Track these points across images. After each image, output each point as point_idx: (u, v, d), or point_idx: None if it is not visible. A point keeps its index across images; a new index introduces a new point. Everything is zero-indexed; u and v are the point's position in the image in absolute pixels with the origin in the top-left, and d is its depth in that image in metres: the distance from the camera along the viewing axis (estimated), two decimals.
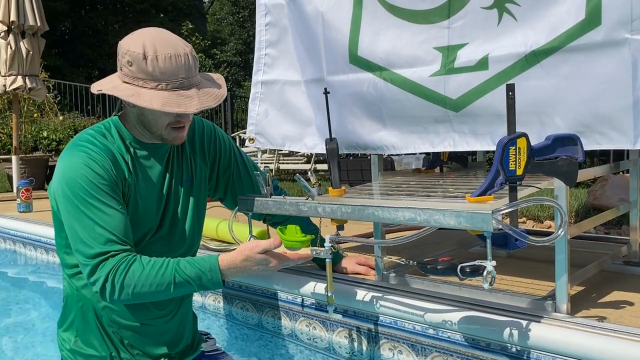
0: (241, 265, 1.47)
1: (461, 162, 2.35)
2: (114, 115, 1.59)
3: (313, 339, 2.02)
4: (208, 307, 2.43)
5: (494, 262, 1.30)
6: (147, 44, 1.42)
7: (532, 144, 1.33)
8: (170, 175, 1.60)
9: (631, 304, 1.66)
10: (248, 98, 2.46)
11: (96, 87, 1.50)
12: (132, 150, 1.54)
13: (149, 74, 1.41)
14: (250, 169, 1.84)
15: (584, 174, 1.69)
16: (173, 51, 1.42)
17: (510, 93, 1.30)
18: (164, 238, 1.59)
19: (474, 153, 2.74)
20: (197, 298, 2.43)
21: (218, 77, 1.57)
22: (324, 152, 1.83)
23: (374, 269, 2.02)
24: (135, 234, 1.53)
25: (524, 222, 3.60)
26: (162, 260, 1.45)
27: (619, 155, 4.76)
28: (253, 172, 1.81)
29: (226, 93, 1.53)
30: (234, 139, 8.97)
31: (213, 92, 1.48)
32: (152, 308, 1.59)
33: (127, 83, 1.44)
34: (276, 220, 1.92)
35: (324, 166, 6.92)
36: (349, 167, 5.26)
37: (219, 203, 1.91)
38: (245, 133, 2.37)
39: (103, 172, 1.45)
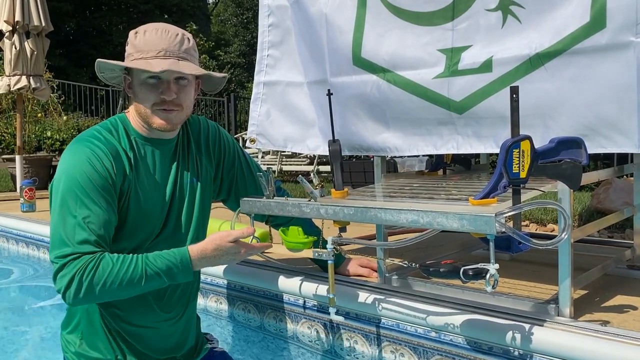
0: (211, 254, 1.48)
1: (464, 164, 2.34)
2: (120, 113, 1.61)
3: (314, 341, 2.02)
4: (209, 308, 2.42)
5: (496, 265, 1.29)
6: (145, 26, 1.52)
7: (536, 147, 1.32)
8: (175, 173, 1.60)
9: (634, 308, 1.65)
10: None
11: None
12: (136, 146, 1.54)
13: (136, 47, 1.50)
14: (254, 170, 1.83)
15: (587, 177, 1.68)
16: (163, 28, 1.50)
17: (514, 95, 1.29)
18: (168, 239, 1.58)
19: (477, 155, 2.73)
20: (198, 300, 2.43)
21: (220, 74, 1.62)
22: (327, 153, 1.82)
23: (376, 271, 2.02)
24: (139, 233, 1.53)
25: (527, 226, 3.59)
26: (131, 256, 1.44)
27: (623, 158, 4.74)
28: (256, 173, 1.81)
29: (205, 72, 1.56)
30: (237, 140, 8.96)
31: (193, 67, 1.52)
32: (159, 311, 1.59)
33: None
34: (279, 222, 1.92)
35: (327, 168, 6.92)
36: (351, 169, 5.25)
37: (221, 204, 1.90)
38: None
39: (102, 170, 1.45)
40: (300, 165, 7.45)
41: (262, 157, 7.70)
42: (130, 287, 1.42)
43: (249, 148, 2.77)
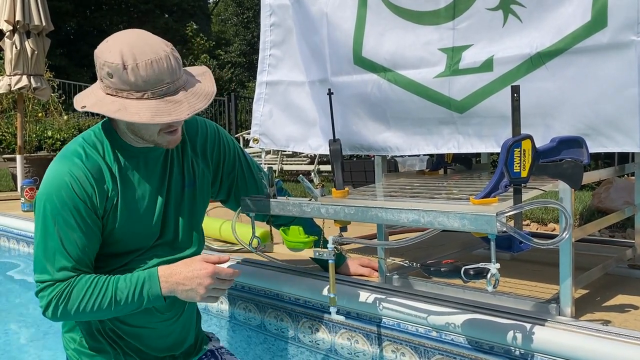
0: (179, 270, 1.46)
1: (465, 164, 2.34)
2: (106, 118, 1.53)
3: (315, 341, 2.02)
4: (210, 308, 2.42)
5: (498, 265, 1.29)
6: (124, 52, 1.33)
7: (537, 146, 1.32)
8: (168, 179, 1.56)
9: (636, 307, 1.65)
10: (252, 99, 2.46)
11: (79, 104, 1.41)
12: (122, 158, 1.49)
13: (131, 84, 1.33)
14: (255, 171, 1.81)
15: (588, 177, 1.68)
16: (153, 56, 1.33)
17: (515, 95, 1.29)
18: (168, 244, 1.58)
19: (478, 155, 2.73)
20: None
21: (203, 72, 1.51)
22: (328, 153, 1.82)
23: (377, 271, 2.02)
24: (133, 240, 1.52)
25: (527, 225, 3.59)
26: (105, 278, 1.45)
27: (624, 158, 4.74)
28: (257, 173, 1.80)
29: (215, 89, 1.47)
30: (237, 139, 8.97)
31: (202, 91, 1.42)
32: (155, 312, 1.58)
33: (111, 95, 1.37)
34: (280, 222, 1.91)
35: (328, 167, 6.91)
36: (352, 168, 5.25)
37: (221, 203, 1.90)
38: (249, 134, 2.38)
39: (81, 194, 1.43)
40: (301, 164, 7.44)
41: (265, 156, 7.69)
42: (102, 310, 1.44)
43: (252, 147, 2.78)
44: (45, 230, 1.44)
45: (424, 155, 2.35)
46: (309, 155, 7.30)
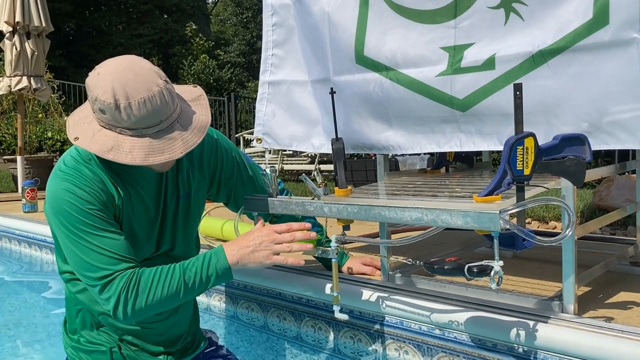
0: (241, 237, 1.48)
1: (467, 162, 2.34)
2: None
3: (318, 340, 2.02)
4: (213, 307, 2.43)
5: (501, 262, 1.30)
6: (117, 89, 1.29)
7: (539, 144, 1.33)
8: (164, 193, 1.55)
9: (638, 304, 1.65)
10: (252, 99, 2.47)
11: (73, 133, 1.38)
12: (119, 175, 1.47)
13: (124, 122, 1.31)
14: (255, 175, 1.80)
15: (590, 175, 1.68)
16: (147, 93, 1.30)
17: (517, 92, 1.29)
18: (164, 253, 1.59)
19: (479, 153, 2.73)
20: (202, 299, 2.43)
21: (198, 97, 1.47)
22: (330, 152, 1.82)
23: (379, 269, 2.02)
24: (135, 253, 1.51)
25: (529, 223, 3.59)
26: (168, 265, 1.45)
27: (624, 155, 4.75)
28: (258, 176, 1.79)
29: (210, 119, 1.43)
30: (237, 140, 8.97)
31: (197, 124, 1.40)
32: None
33: (105, 128, 1.35)
34: (283, 222, 1.91)
35: (328, 167, 6.92)
36: (353, 167, 5.26)
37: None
38: (249, 134, 2.38)
39: (91, 199, 1.40)
40: (302, 164, 7.45)
41: (269, 154, 7.70)
42: (172, 295, 1.42)
43: (254, 147, 2.79)
44: (73, 239, 1.40)
45: (425, 154, 2.36)
46: (309, 155, 7.31)
